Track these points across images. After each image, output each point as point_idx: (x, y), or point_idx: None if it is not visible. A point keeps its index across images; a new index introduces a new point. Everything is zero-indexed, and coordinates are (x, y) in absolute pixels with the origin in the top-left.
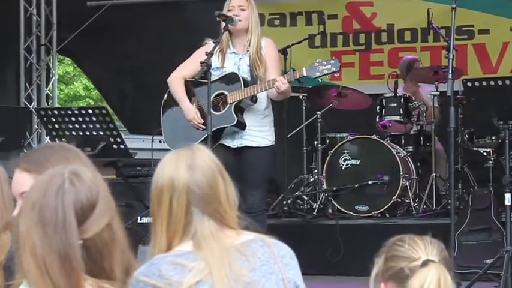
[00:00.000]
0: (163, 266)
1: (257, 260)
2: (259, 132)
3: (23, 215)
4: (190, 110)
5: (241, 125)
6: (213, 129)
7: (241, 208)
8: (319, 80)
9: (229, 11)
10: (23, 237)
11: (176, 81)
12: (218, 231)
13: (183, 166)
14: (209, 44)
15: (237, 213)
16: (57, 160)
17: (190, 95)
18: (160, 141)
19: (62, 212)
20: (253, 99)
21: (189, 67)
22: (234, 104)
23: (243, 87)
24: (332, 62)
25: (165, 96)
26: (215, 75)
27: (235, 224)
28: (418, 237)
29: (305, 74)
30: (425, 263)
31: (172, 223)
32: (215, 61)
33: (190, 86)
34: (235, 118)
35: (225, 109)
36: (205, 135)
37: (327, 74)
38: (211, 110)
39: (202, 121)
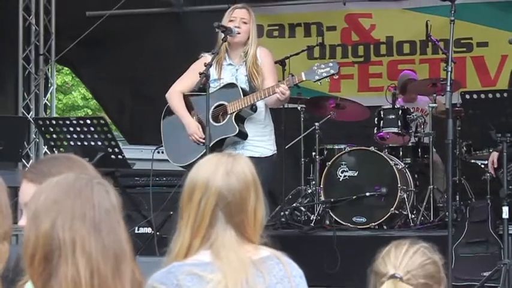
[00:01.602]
0: (181, 276)
1: (272, 278)
2: (260, 142)
3: (70, 227)
4: (191, 125)
5: (242, 135)
6: (214, 140)
7: None
8: (320, 83)
9: (230, 21)
10: (72, 247)
11: (175, 96)
12: (238, 244)
13: (221, 170)
14: (205, 57)
15: (261, 230)
16: (60, 171)
17: (189, 108)
18: (158, 152)
19: (114, 213)
20: (253, 108)
21: (187, 81)
22: (234, 114)
23: (242, 97)
24: (331, 64)
25: (166, 107)
26: (213, 86)
27: (256, 239)
28: (401, 246)
29: (304, 79)
30: (388, 278)
31: (198, 220)
32: (213, 73)
33: (189, 99)
34: (237, 128)
35: (226, 120)
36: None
37: (326, 76)
38: (212, 122)
39: (204, 136)
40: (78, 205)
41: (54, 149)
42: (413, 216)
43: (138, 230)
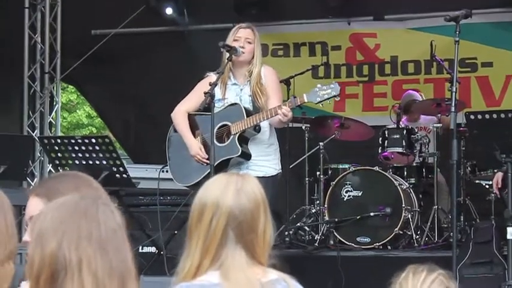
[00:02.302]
0: None
1: None
2: (265, 162)
3: (76, 247)
4: (193, 146)
5: (246, 156)
6: (218, 161)
7: None
8: (321, 105)
9: (234, 41)
10: (78, 267)
11: (179, 116)
12: (247, 265)
13: (231, 189)
14: (210, 77)
15: (269, 251)
16: (66, 188)
17: (194, 128)
18: (163, 171)
19: (120, 232)
20: (257, 128)
21: (192, 100)
22: (238, 134)
23: (245, 117)
24: (332, 86)
25: (171, 126)
26: (217, 106)
27: (264, 260)
28: (418, 274)
29: (306, 100)
30: None
31: (208, 240)
32: (217, 92)
33: (194, 119)
34: (240, 149)
35: (229, 140)
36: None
37: (328, 98)
38: (216, 142)
39: (206, 156)
40: (84, 225)
41: (59, 168)
42: (417, 236)
43: (142, 249)
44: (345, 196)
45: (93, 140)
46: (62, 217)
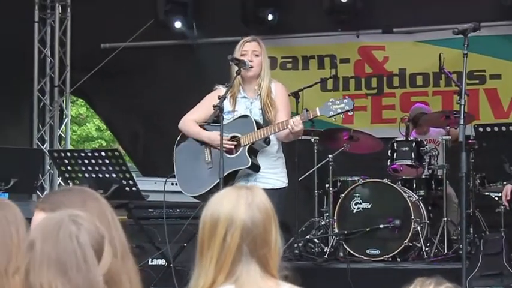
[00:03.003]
0: None
1: None
2: (272, 174)
3: (38, 271)
4: (212, 135)
5: (255, 167)
6: (227, 172)
7: None
8: (334, 119)
9: (242, 55)
10: None
11: (189, 123)
12: (262, 279)
13: (243, 203)
14: (219, 90)
15: (279, 261)
16: (72, 202)
17: None
18: (172, 184)
19: (80, 252)
20: (267, 141)
21: (200, 112)
22: (248, 146)
23: (255, 129)
24: (345, 101)
25: (178, 138)
26: (227, 119)
27: (276, 272)
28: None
29: (319, 114)
30: None
31: (221, 258)
32: (227, 105)
33: (204, 129)
34: (250, 160)
35: (239, 152)
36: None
37: (341, 113)
38: (225, 153)
39: (229, 139)
40: (46, 248)
41: (68, 181)
42: (427, 248)
43: (151, 261)
44: (354, 208)
45: (103, 153)
46: (32, 242)
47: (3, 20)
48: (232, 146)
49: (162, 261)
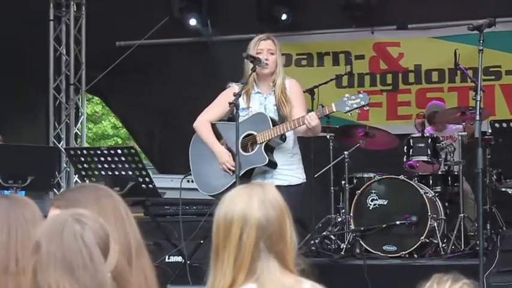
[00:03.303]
0: None
1: None
2: (289, 171)
3: (45, 272)
4: (223, 154)
5: (272, 164)
6: (244, 170)
7: None
8: (350, 114)
9: (257, 53)
10: None
11: (203, 125)
12: (282, 275)
13: (256, 201)
14: (233, 87)
15: (295, 255)
16: (86, 199)
17: (218, 137)
18: (188, 181)
19: (86, 250)
20: (283, 137)
21: (214, 110)
22: (264, 143)
23: (271, 127)
24: (361, 96)
25: (193, 136)
26: (242, 116)
27: (293, 267)
28: (443, 283)
29: (335, 110)
30: None
31: (239, 257)
32: (241, 102)
33: (217, 128)
34: (267, 158)
35: (255, 149)
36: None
37: (357, 108)
38: (241, 151)
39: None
40: (52, 248)
41: (85, 179)
42: (443, 244)
43: (168, 258)
44: (370, 205)
45: (119, 151)
46: (39, 242)
47: (19, 19)
48: (233, 168)
49: (179, 258)
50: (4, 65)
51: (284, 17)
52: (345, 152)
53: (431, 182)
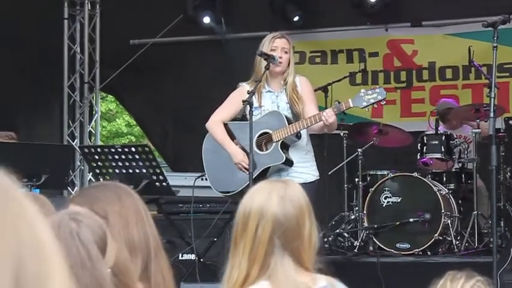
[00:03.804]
0: None
1: None
2: (304, 168)
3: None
4: (237, 153)
5: (289, 162)
6: (261, 169)
7: None
8: (367, 109)
9: (272, 51)
10: None
11: (216, 125)
12: (296, 272)
13: (275, 196)
14: (243, 87)
15: (315, 255)
16: (108, 197)
17: (230, 137)
18: (202, 179)
19: (83, 248)
20: (298, 135)
21: (226, 110)
22: (280, 141)
23: (287, 125)
24: (378, 90)
25: (207, 135)
26: (254, 114)
27: (311, 265)
28: (456, 280)
29: (351, 105)
30: None
31: (254, 248)
32: (254, 100)
33: (230, 128)
34: (284, 156)
35: (272, 148)
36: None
37: (374, 103)
38: (256, 150)
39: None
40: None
41: (99, 177)
42: (457, 242)
43: (181, 256)
44: (383, 202)
45: (133, 149)
46: None
47: (33, 17)
48: (247, 169)
49: (192, 256)
50: (18, 63)
51: (297, 14)
52: (359, 150)
53: (445, 179)
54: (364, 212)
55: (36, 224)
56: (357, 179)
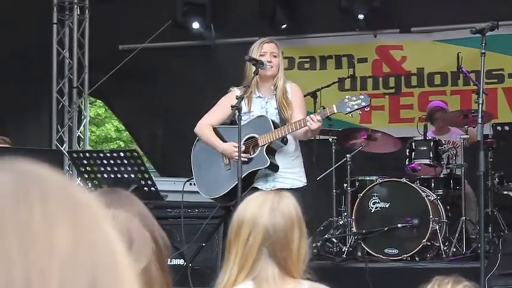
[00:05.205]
0: None
1: None
2: (291, 174)
3: None
4: (229, 148)
5: (274, 167)
6: (246, 173)
7: None
8: (351, 115)
9: (260, 56)
10: None
11: (205, 128)
12: (280, 278)
13: (267, 208)
14: (234, 91)
15: (304, 266)
16: (122, 203)
17: (220, 139)
18: (190, 184)
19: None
20: (284, 140)
21: (216, 115)
22: (266, 146)
23: (273, 129)
24: (362, 97)
25: (196, 140)
26: (243, 120)
27: (298, 274)
28: (444, 285)
29: (335, 111)
30: None
31: (244, 256)
32: (243, 106)
33: (218, 132)
34: (268, 160)
35: (257, 152)
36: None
37: (358, 109)
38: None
39: (244, 151)
40: None
41: (87, 182)
42: (445, 247)
43: (170, 261)
44: (372, 208)
45: (122, 154)
46: None
47: (22, 22)
48: (246, 159)
49: (181, 261)
50: (7, 68)
51: (287, 20)
52: (347, 155)
53: (433, 185)
54: (353, 217)
55: (110, 233)
56: (345, 185)
